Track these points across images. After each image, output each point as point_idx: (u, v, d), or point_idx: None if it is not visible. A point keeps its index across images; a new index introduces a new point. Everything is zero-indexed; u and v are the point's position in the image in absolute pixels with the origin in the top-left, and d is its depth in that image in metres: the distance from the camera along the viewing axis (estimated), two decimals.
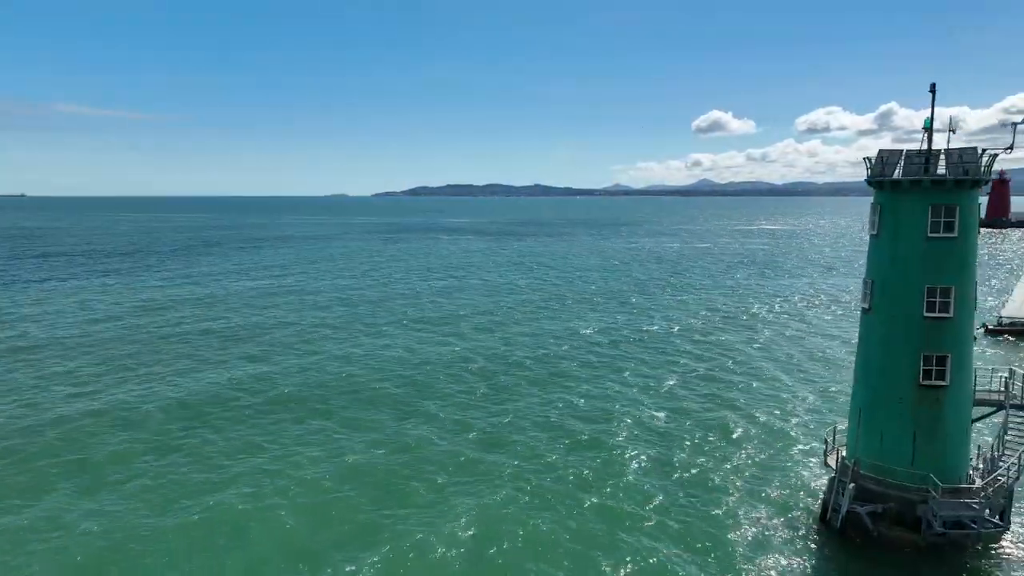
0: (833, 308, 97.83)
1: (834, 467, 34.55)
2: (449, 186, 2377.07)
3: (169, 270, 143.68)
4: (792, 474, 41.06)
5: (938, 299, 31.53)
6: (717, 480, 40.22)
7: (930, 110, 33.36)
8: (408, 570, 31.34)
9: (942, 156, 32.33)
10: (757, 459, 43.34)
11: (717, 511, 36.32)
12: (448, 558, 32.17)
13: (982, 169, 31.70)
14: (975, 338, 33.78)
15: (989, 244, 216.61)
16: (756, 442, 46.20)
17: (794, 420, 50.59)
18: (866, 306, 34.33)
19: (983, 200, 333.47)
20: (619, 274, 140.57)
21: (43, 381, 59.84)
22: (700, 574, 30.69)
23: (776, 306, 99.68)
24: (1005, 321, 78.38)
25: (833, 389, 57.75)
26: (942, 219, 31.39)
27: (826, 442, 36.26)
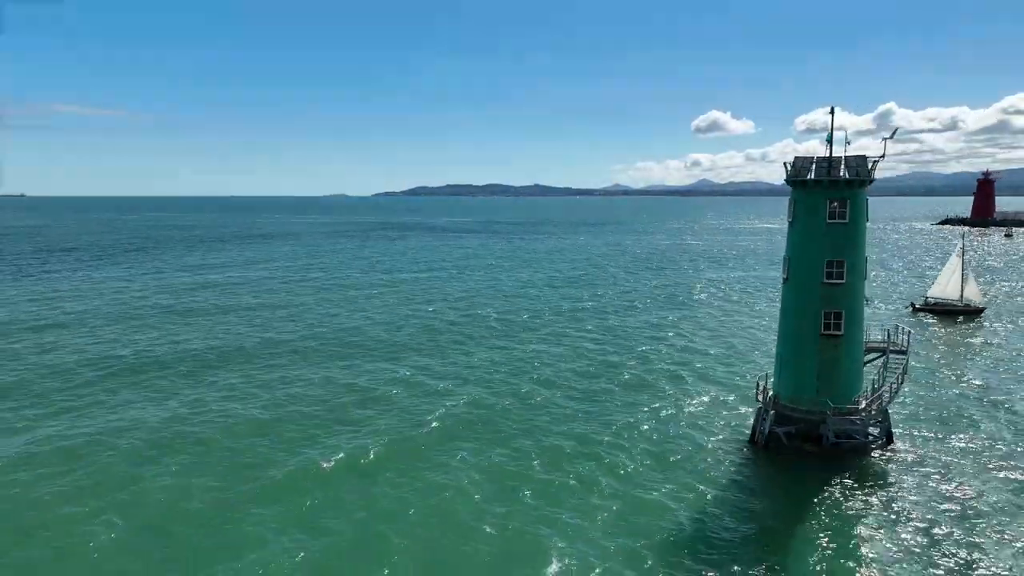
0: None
1: (762, 401, 44.91)
2: (449, 186, 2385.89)
3: (188, 261, 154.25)
4: (726, 412, 51.66)
5: (834, 269, 41.95)
6: (665, 417, 50.47)
7: (830, 126, 43.68)
8: (385, 448, 43.88)
9: (843, 162, 42.76)
10: (697, 403, 53.95)
11: (666, 440, 46.46)
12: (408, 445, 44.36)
13: (868, 171, 42.05)
14: (868, 300, 44.21)
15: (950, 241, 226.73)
16: (697, 391, 57.00)
17: (727, 372, 62.70)
18: (785, 277, 44.77)
19: (969, 200, 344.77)
20: (593, 265, 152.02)
21: (103, 342, 70.52)
22: (656, 483, 40.47)
23: (728, 291, 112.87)
24: (930, 301, 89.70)
25: (758, 353, 69.10)
26: (837, 209, 41.82)
27: (758, 384, 46.51)
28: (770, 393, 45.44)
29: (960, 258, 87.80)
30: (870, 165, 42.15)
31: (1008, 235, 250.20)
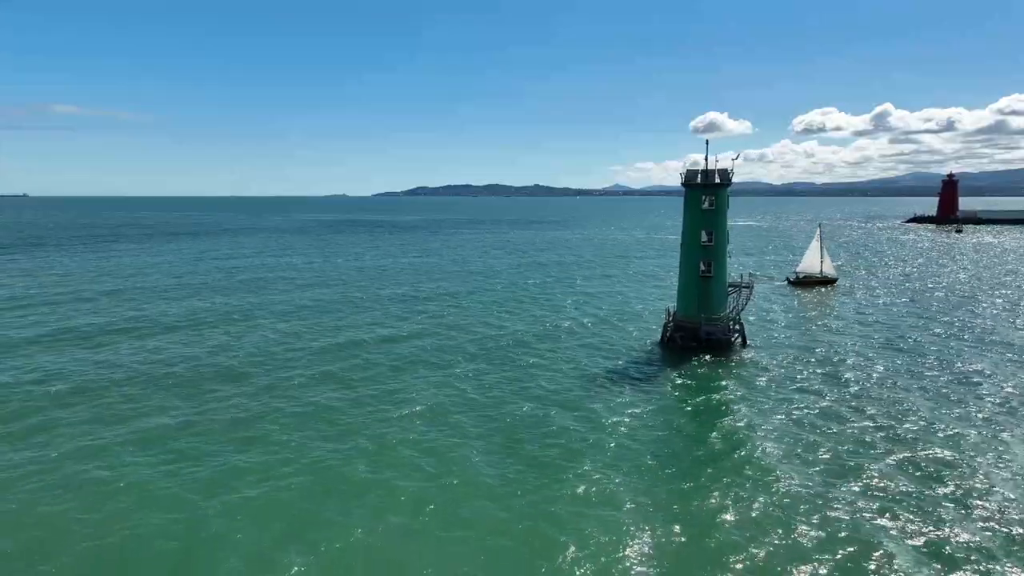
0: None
1: (667, 318, 73.26)
2: (448, 186, 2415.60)
3: (220, 249, 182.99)
4: (647, 327, 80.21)
5: (707, 236, 70.31)
6: (606, 333, 78.99)
7: (705, 152, 71.95)
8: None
9: (716, 171, 71.04)
10: (629, 322, 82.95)
11: (607, 343, 74.97)
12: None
13: (728, 178, 70.18)
14: (730, 255, 72.54)
15: (893, 235, 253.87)
16: (630, 315, 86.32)
17: (646, 306, 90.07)
18: (681, 242, 73.13)
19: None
20: (568, 253, 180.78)
21: (175, 305, 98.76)
22: (594, 368, 68.49)
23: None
24: (801, 276, 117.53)
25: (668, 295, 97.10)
26: (709, 200, 70.14)
27: (667, 309, 74.82)
28: (672, 312, 73.82)
29: (819, 241, 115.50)
30: (731, 174, 70.57)
31: (958, 231, 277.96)
